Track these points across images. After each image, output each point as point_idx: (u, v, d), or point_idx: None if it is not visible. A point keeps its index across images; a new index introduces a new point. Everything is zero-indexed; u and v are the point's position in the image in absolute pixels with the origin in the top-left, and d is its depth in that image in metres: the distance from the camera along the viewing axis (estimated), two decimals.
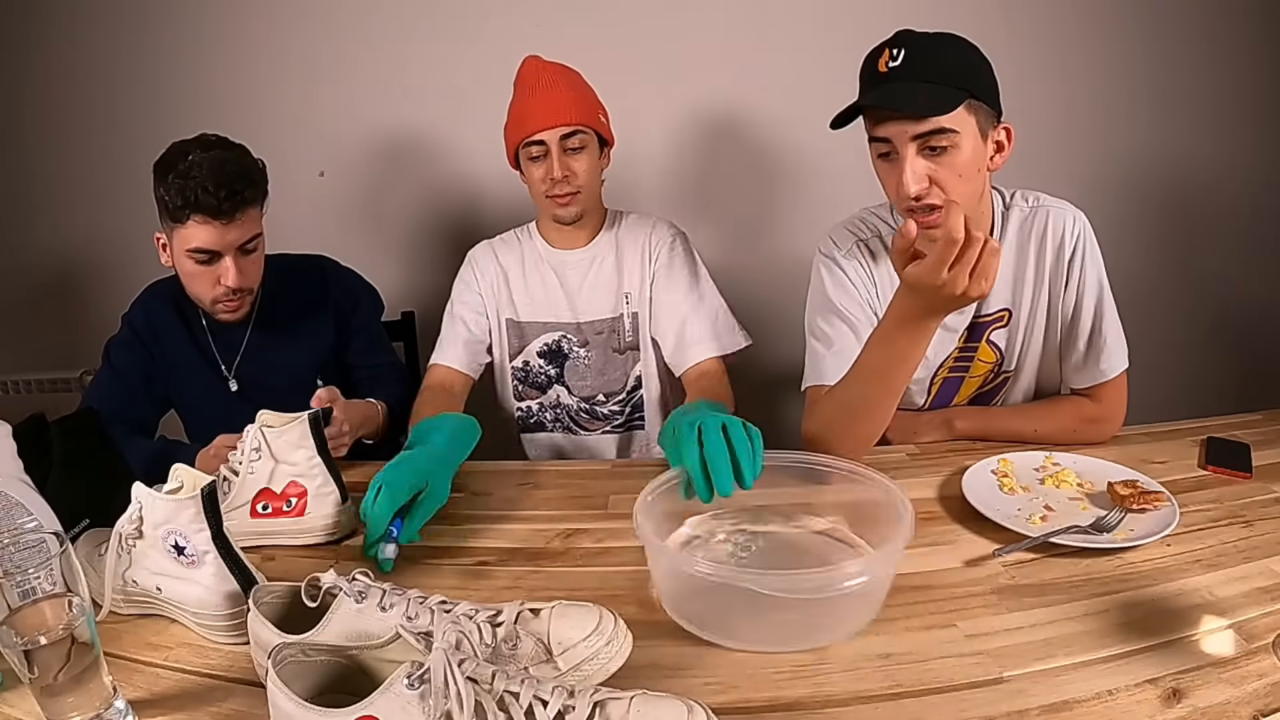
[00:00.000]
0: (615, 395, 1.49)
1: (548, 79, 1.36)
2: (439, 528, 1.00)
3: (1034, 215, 1.15)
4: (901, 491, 0.83)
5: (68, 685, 0.62)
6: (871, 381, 1.02)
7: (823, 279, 1.21)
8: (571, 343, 1.47)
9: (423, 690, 0.54)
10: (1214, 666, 0.68)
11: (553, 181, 1.35)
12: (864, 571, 0.72)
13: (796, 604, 0.73)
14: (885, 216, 1.22)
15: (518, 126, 1.37)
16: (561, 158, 1.35)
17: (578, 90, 1.38)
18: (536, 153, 1.35)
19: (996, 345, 1.21)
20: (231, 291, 1.28)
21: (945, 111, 0.97)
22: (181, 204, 1.19)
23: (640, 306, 1.46)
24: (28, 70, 1.90)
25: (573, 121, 1.34)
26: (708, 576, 0.72)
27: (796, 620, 0.74)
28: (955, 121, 0.98)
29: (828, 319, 1.18)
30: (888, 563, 0.78)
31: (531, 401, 1.51)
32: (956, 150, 0.99)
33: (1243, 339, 2.07)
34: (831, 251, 1.21)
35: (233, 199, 1.21)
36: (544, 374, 1.49)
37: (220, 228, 1.22)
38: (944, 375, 1.24)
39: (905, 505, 0.80)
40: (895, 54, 0.99)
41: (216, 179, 1.19)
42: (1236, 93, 1.89)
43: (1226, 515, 0.94)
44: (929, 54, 0.99)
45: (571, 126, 1.34)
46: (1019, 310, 1.18)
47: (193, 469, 0.79)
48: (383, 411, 1.36)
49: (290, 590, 0.73)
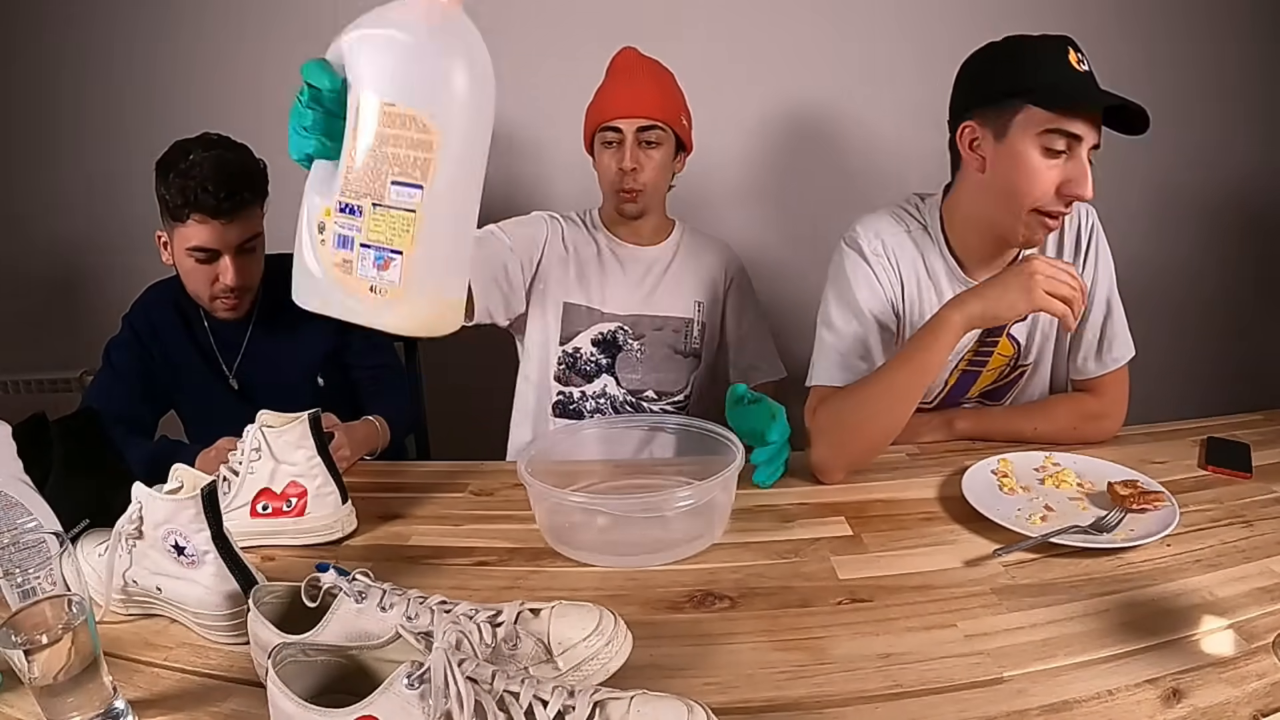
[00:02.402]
0: (670, 396, 1.48)
1: (638, 70, 1.38)
2: (439, 527, 1.00)
3: None
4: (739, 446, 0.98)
5: (68, 685, 0.62)
6: (894, 381, 1.04)
7: (846, 271, 1.18)
8: (627, 334, 1.45)
9: (423, 690, 0.54)
10: (1214, 666, 0.68)
11: (621, 172, 1.37)
12: (692, 495, 0.89)
13: (642, 522, 0.91)
14: (914, 211, 1.21)
15: (599, 110, 1.39)
16: (635, 149, 1.36)
17: (665, 88, 1.40)
18: (611, 139, 1.37)
19: (1015, 339, 1.21)
20: (230, 290, 1.28)
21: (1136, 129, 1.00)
22: (182, 203, 1.20)
23: (711, 319, 1.48)
24: (29, 69, 1.90)
25: (653, 116, 1.35)
26: (575, 504, 0.93)
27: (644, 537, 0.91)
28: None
29: (845, 314, 1.16)
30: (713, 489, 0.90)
31: (574, 388, 1.47)
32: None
33: (1243, 338, 2.07)
34: (859, 243, 1.18)
35: (233, 199, 1.21)
36: (594, 362, 1.46)
37: (220, 227, 1.22)
38: (963, 367, 1.24)
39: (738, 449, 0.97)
40: (1081, 58, 1.01)
41: (217, 179, 1.19)
42: (1243, 91, 1.90)
43: (1227, 515, 0.94)
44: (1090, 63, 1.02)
45: (651, 120, 1.35)
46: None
47: (193, 469, 0.79)
48: (383, 426, 1.35)
49: (290, 590, 0.73)
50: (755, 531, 0.95)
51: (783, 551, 0.91)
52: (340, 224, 0.68)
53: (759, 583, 0.85)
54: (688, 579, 0.86)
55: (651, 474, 1.12)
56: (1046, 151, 1.01)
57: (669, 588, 0.85)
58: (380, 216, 0.67)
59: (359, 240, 0.67)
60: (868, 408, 1.05)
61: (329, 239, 0.68)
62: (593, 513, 0.94)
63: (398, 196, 0.66)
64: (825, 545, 0.92)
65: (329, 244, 0.69)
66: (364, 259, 0.68)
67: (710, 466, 0.96)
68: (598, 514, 0.93)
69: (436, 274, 0.69)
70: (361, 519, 1.01)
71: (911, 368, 1.03)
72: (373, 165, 0.66)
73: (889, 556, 0.89)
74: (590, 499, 0.98)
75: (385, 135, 0.66)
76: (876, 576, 0.85)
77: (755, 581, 0.85)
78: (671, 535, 0.91)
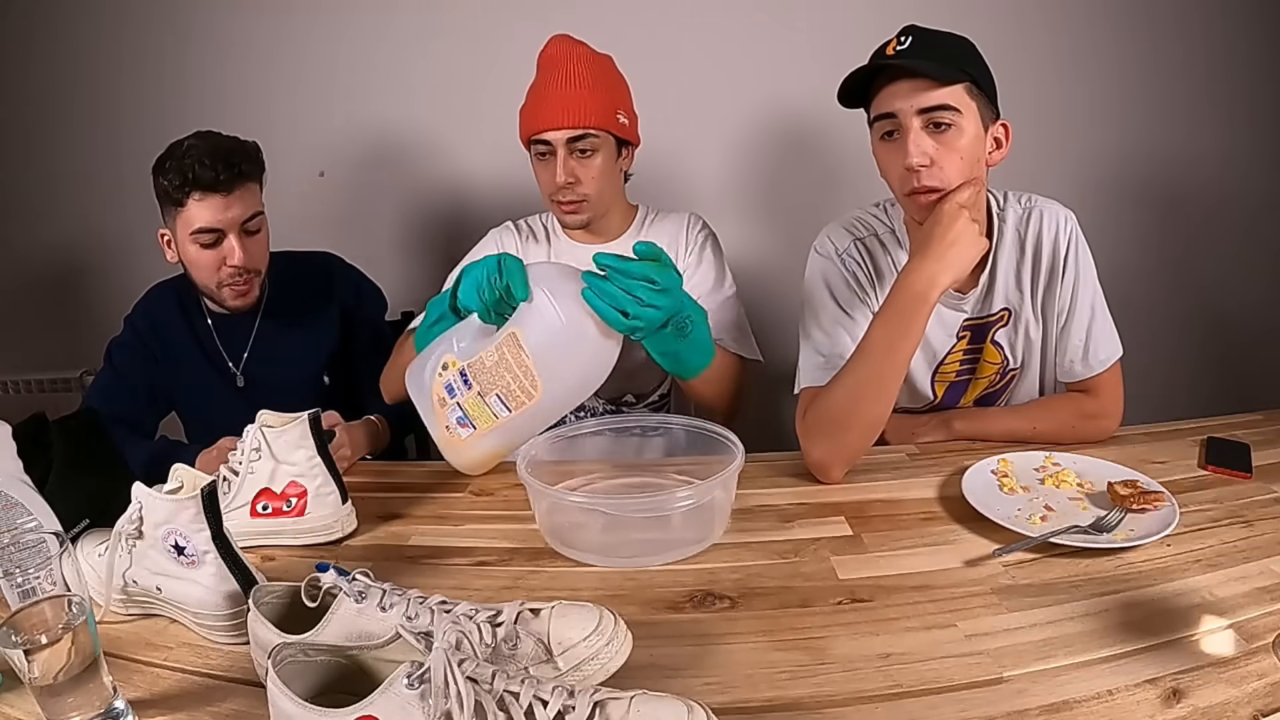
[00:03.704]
0: (647, 398, 1.44)
1: (566, 70, 1.25)
2: (439, 527, 1.00)
3: (1028, 215, 1.16)
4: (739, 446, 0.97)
5: (68, 686, 0.62)
6: (873, 361, 1.03)
7: (819, 278, 1.20)
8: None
9: (423, 690, 0.54)
10: (1214, 667, 0.68)
11: (557, 187, 1.27)
12: (692, 494, 0.89)
13: (641, 522, 0.92)
14: (881, 216, 1.23)
15: (527, 120, 1.29)
16: (568, 161, 1.25)
17: (597, 87, 1.27)
18: (543, 151, 1.28)
19: (1000, 345, 1.21)
20: (238, 272, 1.27)
21: (951, 83, 1.00)
22: (180, 183, 1.20)
23: None
24: (29, 70, 1.90)
25: (583, 124, 1.24)
26: (575, 503, 0.95)
27: (644, 538, 0.91)
28: (958, 100, 1.01)
29: (822, 321, 1.18)
30: (713, 488, 0.91)
31: None
32: (959, 131, 1.02)
33: (1243, 338, 2.07)
34: (828, 250, 1.21)
35: (230, 171, 1.22)
36: None
37: (221, 201, 1.22)
38: (950, 379, 1.24)
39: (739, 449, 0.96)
40: (903, 40, 1.02)
41: (213, 154, 1.21)
42: (1232, 90, 1.89)
43: (1227, 515, 0.94)
44: (934, 41, 1.02)
45: (581, 129, 1.24)
46: (1019, 309, 1.18)
47: (192, 469, 0.79)
48: (384, 426, 1.35)
49: (290, 590, 0.73)
50: (755, 531, 0.95)
51: (783, 551, 0.91)
52: (454, 380, 0.99)
53: (759, 583, 0.85)
54: (688, 579, 0.86)
55: (651, 473, 1.12)
56: (885, 138, 1.07)
57: (669, 588, 0.85)
58: (477, 402, 0.98)
59: (458, 401, 0.98)
60: (853, 397, 1.05)
61: (443, 381, 1.00)
62: (593, 512, 0.94)
63: (494, 403, 0.97)
64: (825, 545, 0.92)
65: (441, 383, 1.00)
66: (454, 412, 0.99)
67: (710, 466, 0.96)
68: (598, 514, 0.93)
69: (487, 452, 1.04)
70: (361, 519, 1.01)
71: (892, 351, 1.02)
72: (494, 372, 0.97)
73: (889, 556, 0.89)
74: (590, 499, 0.98)
75: (512, 363, 0.96)
76: (876, 576, 0.85)
77: (755, 581, 0.85)
78: (671, 535, 0.91)
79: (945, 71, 1.00)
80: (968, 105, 1.02)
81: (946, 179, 1.03)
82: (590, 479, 1.10)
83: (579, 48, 1.29)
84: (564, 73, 1.25)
